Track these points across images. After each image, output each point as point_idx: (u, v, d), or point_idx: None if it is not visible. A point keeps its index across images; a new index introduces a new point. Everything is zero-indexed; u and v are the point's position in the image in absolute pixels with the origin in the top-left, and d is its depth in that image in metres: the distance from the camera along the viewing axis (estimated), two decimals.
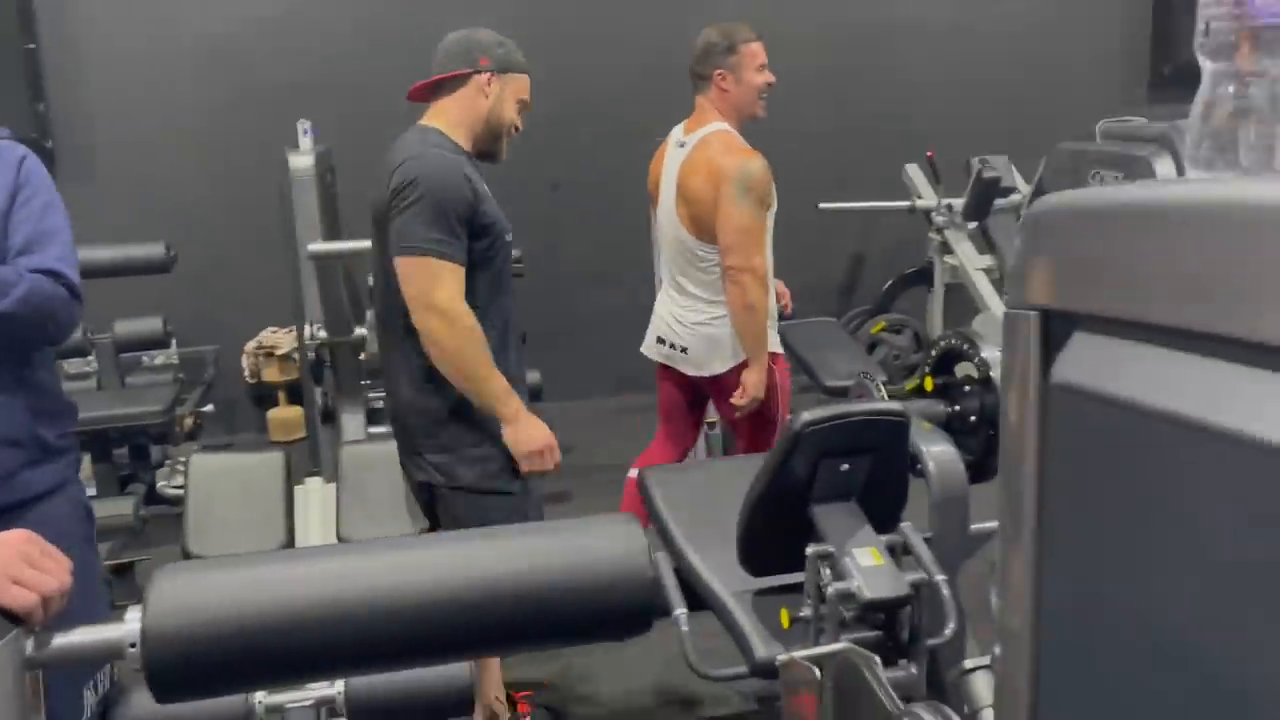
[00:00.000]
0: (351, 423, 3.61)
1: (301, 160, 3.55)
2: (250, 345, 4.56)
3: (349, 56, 4.65)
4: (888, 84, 5.30)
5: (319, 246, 3.33)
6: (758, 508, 1.70)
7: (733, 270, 2.66)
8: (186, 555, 1.89)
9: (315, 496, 2.15)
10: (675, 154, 2.82)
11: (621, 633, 0.97)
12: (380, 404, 3.91)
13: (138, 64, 4.58)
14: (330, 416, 3.78)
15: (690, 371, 2.85)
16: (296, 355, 4.49)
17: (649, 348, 2.97)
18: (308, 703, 1.65)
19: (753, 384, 2.71)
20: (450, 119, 2.17)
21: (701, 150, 2.73)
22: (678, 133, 2.87)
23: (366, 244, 3.16)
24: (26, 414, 1.70)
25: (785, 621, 1.66)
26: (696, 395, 2.99)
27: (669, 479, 2.15)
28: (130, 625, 0.87)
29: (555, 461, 2.13)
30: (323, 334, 3.48)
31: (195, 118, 4.58)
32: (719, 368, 2.78)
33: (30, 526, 1.01)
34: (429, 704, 1.59)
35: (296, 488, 2.14)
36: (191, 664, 0.88)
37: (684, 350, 2.84)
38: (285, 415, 4.58)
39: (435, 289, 2.00)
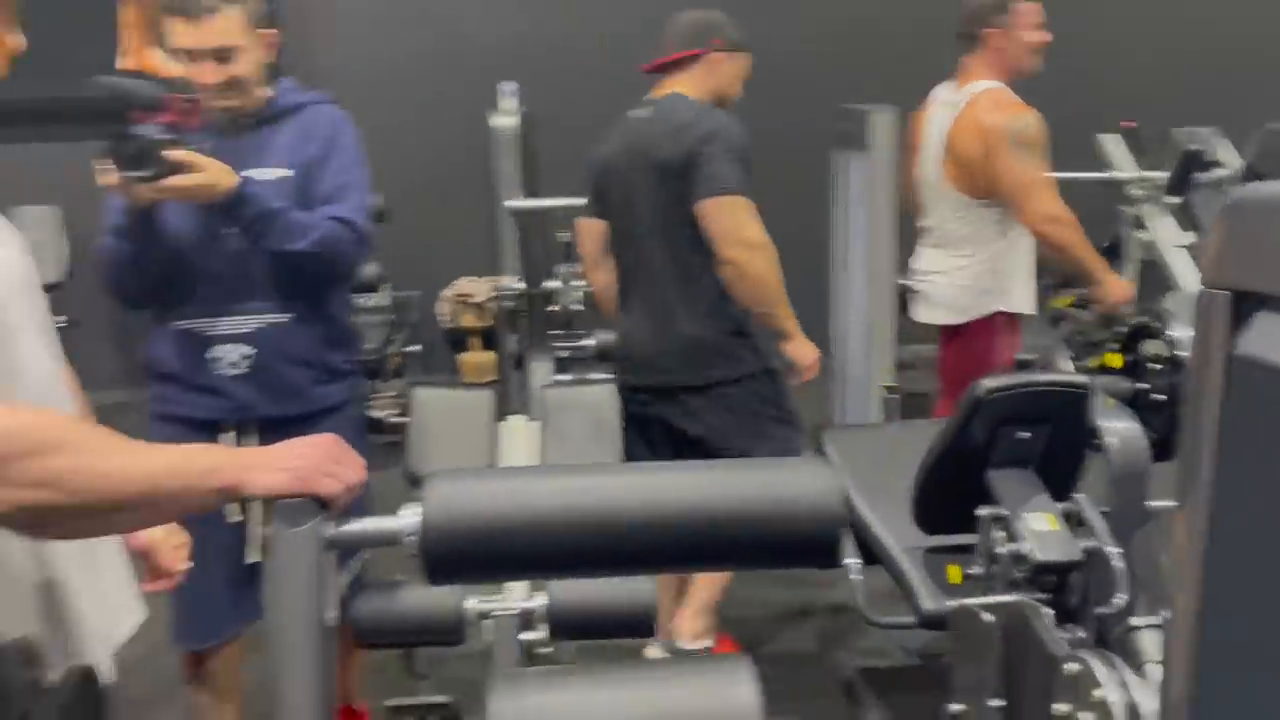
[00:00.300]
0: (540, 369, 3.84)
1: (504, 121, 3.78)
2: (448, 293, 4.89)
3: (553, 22, 4.86)
4: (1083, 47, 5.10)
5: (518, 203, 3.56)
6: (934, 469, 1.78)
7: (1031, 225, 2.74)
8: (410, 475, 2.13)
9: (519, 433, 2.35)
10: (942, 113, 2.90)
11: (811, 561, 1.10)
12: (565, 353, 4.14)
13: (358, 25, 4.93)
14: (520, 362, 4.03)
15: (925, 317, 2.97)
16: (491, 304, 4.78)
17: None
18: (513, 611, 1.86)
19: (1107, 292, 2.87)
20: (688, 91, 2.40)
21: (970, 109, 2.80)
22: (944, 92, 2.94)
23: (563, 201, 3.38)
24: (319, 341, 2.00)
25: (955, 578, 1.75)
26: None
27: (846, 439, 2.26)
28: (409, 519, 1.06)
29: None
30: (518, 285, 3.72)
31: (410, 77, 4.90)
32: (955, 318, 2.88)
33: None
34: (618, 622, 1.76)
35: (500, 424, 2.35)
36: (458, 553, 1.06)
37: (928, 297, 2.95)
38: (477, 359, 4.89)
39: (747, 225, 2.28)
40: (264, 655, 2.38)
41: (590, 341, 3.84)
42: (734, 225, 2.28)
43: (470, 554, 1.06)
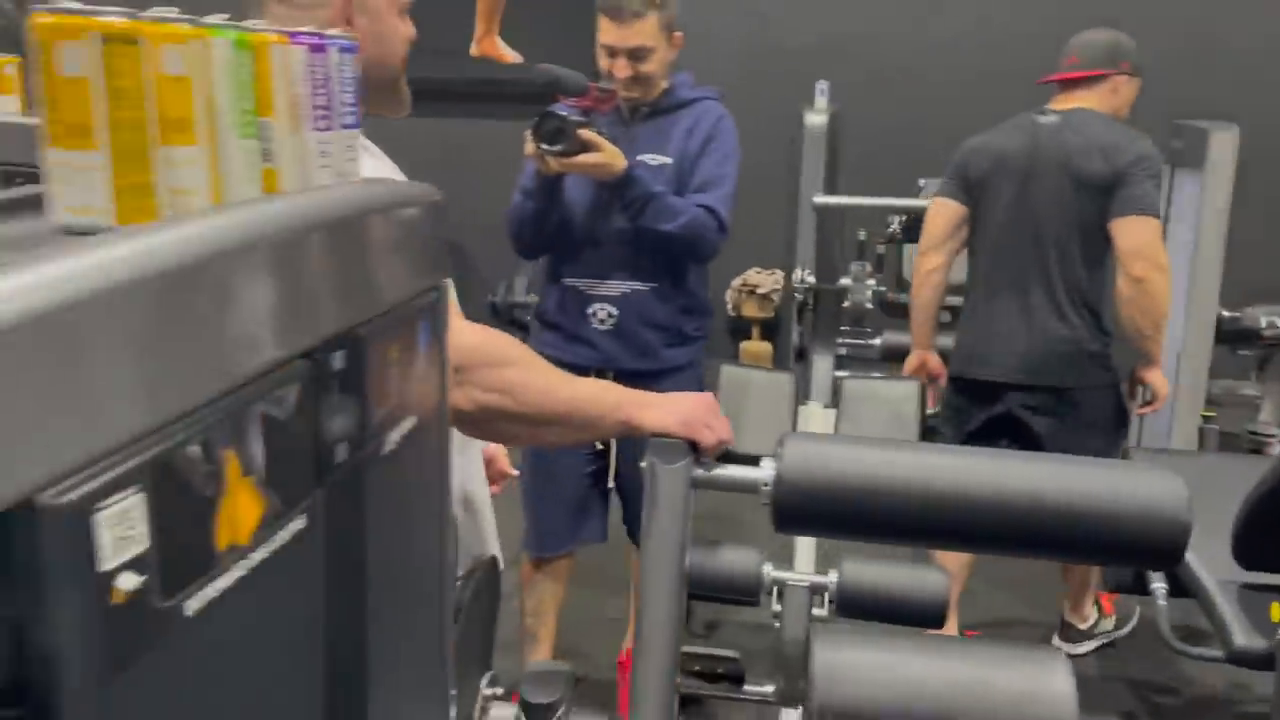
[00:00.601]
0: (822, 363, 3.92)
1: (816, 118, 3.88)
2: (736, 282, 5.05)
3: (870, 25, 4.90)
4: None
5: (823, 199, 3.65)
6: (1263, 503, 1.72)
7: None
8: None
9: (816, 418, 2.46)
10: None
11: (1153, 563, 1.13)
12: (844, 350, 4.19)
13: (681, 21, 5.17)
14: (801, 355, 4.13)
15: None
16: (774, 296, 4.90)
17: None
18: (804, 584, 1.96)
19: None
20: (1095, 109, 2.47)
21: None
22: None
23: (868, 200, 3.44)
24: (674, 309, 2.23)
25: (1278, 616, 1.68)
26: None
27: (1160, 464, 2.19)
28: (766, 471, 1.19)
29: None
30: (811, 279, 3.81)
31: (721, 74, 5.09)
32: None
33: (663, 390, 1.38)
34: (907, 609, 1.82)
35: (800, 408, 2.47)
36: (805, 506, 1.18)
37: None
38: (756, 348, 5.04)
39: (1159, 247, 2.37)
40: (578, 586, 2.62)
41: (876, 341, 3.88)
42: (1149, 245, 2.34)
43: (816, 508, 1.18)
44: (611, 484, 2.29)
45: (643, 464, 1.22)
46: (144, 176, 0.52)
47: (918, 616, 1.96)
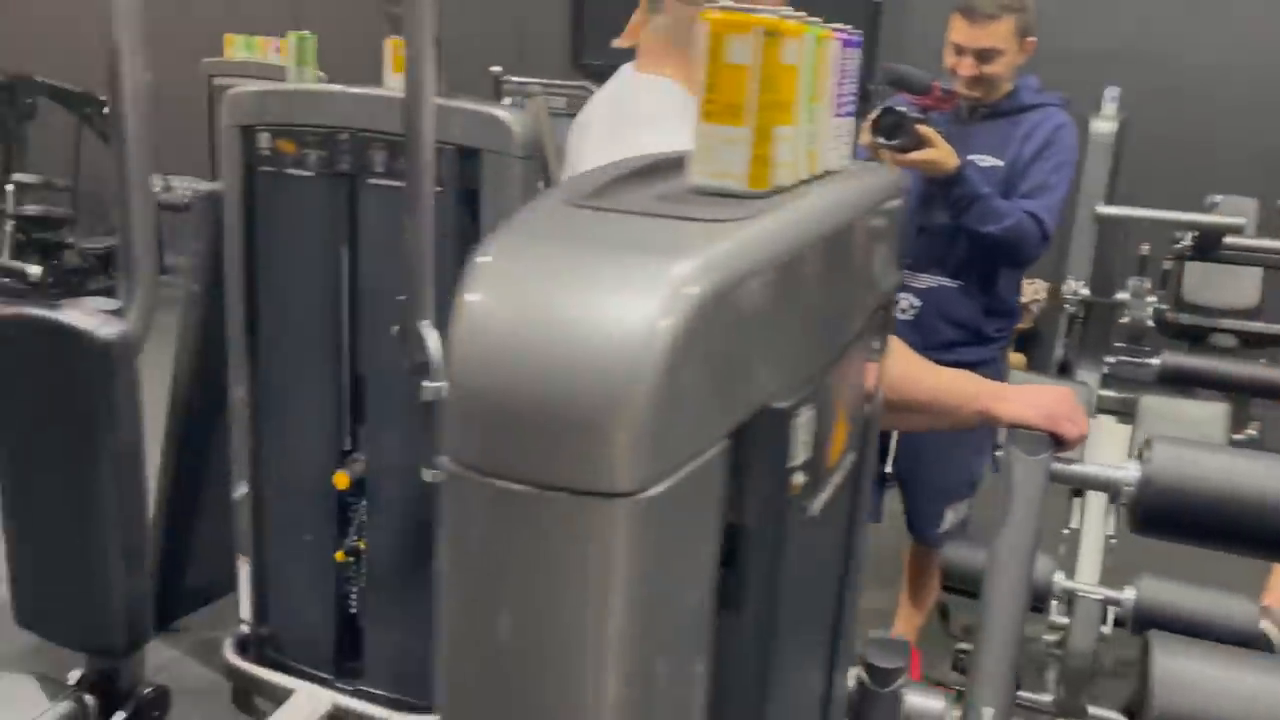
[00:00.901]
0: (1088, 379, 3.77)
1: (1104, 126, 3.74)
2: None
3: (1162, 31, 4.66)
4: None
5: (1107, 209, 3.52)
6: None
7: None
8: None
9: (1109, 432, 2.40)
10: None
11: None
12: (1109, 369, 4.01)
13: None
14: (1064, 369, 3.99)
15: None
16: (1034, 306, 4.76)
17: None
18: (1097, 597, 1.93)
19: None
20: None
21: None
22: None
23: (1155, 213, 3.28)
24: (976, 308, 2.26)
25: None
26: None
27: None
28: (1130, 472, 1.19)
29: None
30: (1084, 291, 3.67)
31: None
32: None
33: None
34: (1211, 635, 1.75)
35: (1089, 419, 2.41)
36: (1169, 510, 1.18)
37: None
38: (1009, 358, 4.91)
39: None
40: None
41: (1154, 361, 3.69)
42: None
43: (1182, 513, 1.18)
44: (889, 469, 2.31)
45: (998, 453, 1.25)
46: (768, 150, 0.62)
47: (1226, 642, 1.88)
